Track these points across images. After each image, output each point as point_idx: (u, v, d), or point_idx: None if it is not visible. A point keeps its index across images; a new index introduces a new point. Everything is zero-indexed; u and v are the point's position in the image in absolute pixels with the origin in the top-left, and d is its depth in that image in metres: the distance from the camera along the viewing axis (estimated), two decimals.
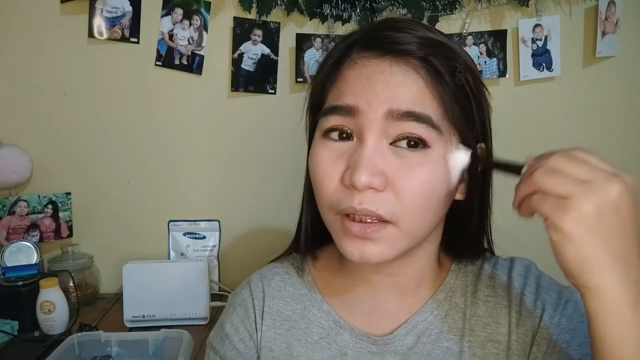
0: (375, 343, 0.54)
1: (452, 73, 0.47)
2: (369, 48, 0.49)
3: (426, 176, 0.46)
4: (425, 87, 0.47)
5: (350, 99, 0.48)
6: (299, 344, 0.56)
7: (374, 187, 0.45)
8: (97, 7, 1.15)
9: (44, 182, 1.22)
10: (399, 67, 0.47)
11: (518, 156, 0.44)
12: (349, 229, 0.47)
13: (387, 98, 0.46)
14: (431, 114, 0.46)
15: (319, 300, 0.58)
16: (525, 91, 1.22)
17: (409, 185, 0.46)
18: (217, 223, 1.25)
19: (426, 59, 0.47)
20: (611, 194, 0.37)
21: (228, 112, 1.22)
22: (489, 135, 0.54)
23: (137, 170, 1.24)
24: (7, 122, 1.20)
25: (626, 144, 1.25)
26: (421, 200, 0.47)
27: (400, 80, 0.47)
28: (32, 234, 1.17)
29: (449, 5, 1.15)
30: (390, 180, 0.46)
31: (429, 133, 0.46)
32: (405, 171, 0.46)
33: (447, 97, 0.47)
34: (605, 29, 1.18)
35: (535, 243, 1.26)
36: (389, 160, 0.46)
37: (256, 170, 1.24)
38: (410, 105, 0.46)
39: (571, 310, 0.52)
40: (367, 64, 0.48)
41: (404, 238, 0.48)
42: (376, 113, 0.46)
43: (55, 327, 1.01)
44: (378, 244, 0.47)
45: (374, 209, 0.46)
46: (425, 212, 0.48)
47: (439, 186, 0.47)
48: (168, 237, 1.24)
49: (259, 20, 1.17)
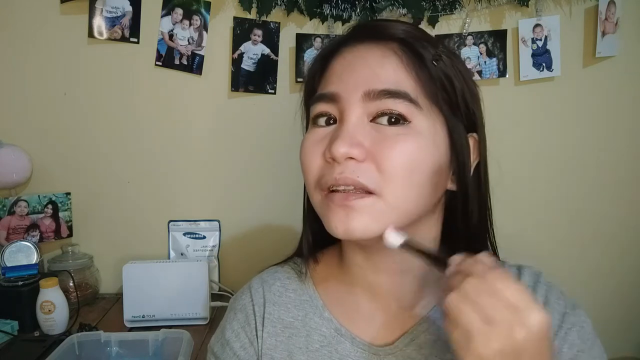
0: (377, 353, 0.54)
1: (433, 57, 0.49)
2: (355, 39, 0.52)
3: (407, 147, 0.47)
4: (402, 67, 0.49)
5: (334, 86, 0.51)
6: (300, 352, 0.56)
7: (353, 156, 0.47)
8: (97, 7, 1.15)
9: (44, 182, 1.22)
10: (379, 49, 0.50)
11: (518, 156, 0.45)
12: (332, 200, 0.48)
13: (364, 80, 0.49)
14: (408, 90, 0.48)
15: (320, 308, 0.58)
16: (525, 91, 1.22)
17: (389, 155, 0.47)
18: (217, 223, 1.25)
19: (405, 41, 0.50)
20: (516, 337, 0.37)
21: (228, 112, 1.22)
22: (481, 127, 0.54)
23: (137, 170, 1.24)
24: (7, 122, 1.20)
25: (626, 144, 1.25)
26: (403, 171, 0.47)
27: (378, 61, 0.49)
28: (32, 234, 1.17)
29: (449, 5, 1.15)
30: (370, 152, 0.47)
31: (407, 107, 0.48)
32: (385, 142, 0.47)
33: (425, 77, 0.49)
34: (605, 29, 1.18)
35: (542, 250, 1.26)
36: (369, 134, 0.48)
37: (256, 170, 1.25)
38: (386, 84, 0.48)
39: (574, 337, 0.51)
40: (351, 51, 0.52)
41: (389, 211, 0.47)
42: (355, 96, 0.49)
43: (55, 327, 1.01)
44: (362, 215, 0.47)
45: (355, 177, 0.46)
46: (409, 185, 0.47)
47: (423, 159, 0.48)
48: (168, 237, 1.24)
49: (259, 20, 1.17)
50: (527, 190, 1.25)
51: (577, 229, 1.27)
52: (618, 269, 1.29)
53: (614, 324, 1.24)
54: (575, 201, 1.26)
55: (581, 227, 1.27)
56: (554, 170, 1.25)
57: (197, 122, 1.23)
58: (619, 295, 1.29)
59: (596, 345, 0.51)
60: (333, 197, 0.48)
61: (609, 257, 1.28)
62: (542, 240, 1.26)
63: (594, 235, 1.27)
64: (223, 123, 1.23)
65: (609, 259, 1.28)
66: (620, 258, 1.28)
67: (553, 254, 1.25)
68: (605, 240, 1.28)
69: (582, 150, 1.24)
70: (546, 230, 1.27)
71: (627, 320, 1.29)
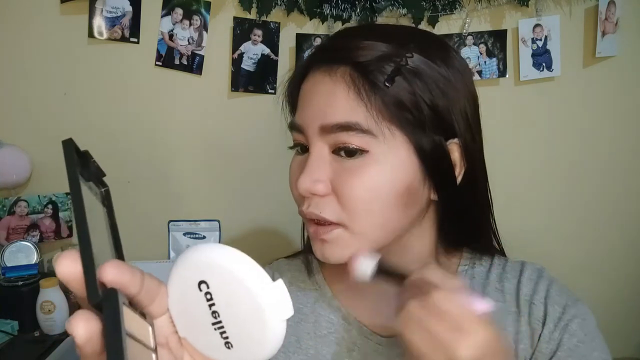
0: (381, 342, 0.55)
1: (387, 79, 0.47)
2: (318, 60, 0.52)
3: (365, 179, 0.48)
4: (353, 95, 0.48)
5: (299, 117, 0.52)
6: (308, 337, 0.57)
7: (315, 192, 0.49)
8: (97, 7, 1.15)
9: (44, 182, 1.21)
10: (330, 78, 0.49)
11: (518, 156, 0.45)
12: (309, 230, 0.52)
13: (318, 113, 0.49)
14: (360, 119, 0.47)
15: (328, 296, 0.59)
16: (525, 91, 1.22)
17: (348, 189, 0.48)
18: (217, 223, 1.25)
19: (355, 65, 0.48)
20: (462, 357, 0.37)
21: (228, 112, 1.22)
22: (464, 130, 0.51)
23: (137, 170, 1.24)
24: (7, 122, 1.20)
25: (627, 144, 1.25)
26: (363, 203, 0.48)
27: (329, 90, 0.49)
28: (32, 234, 1.17)
29: (449, 5, 1.15)
30: (332, 185, 0.49)
31: (361, 138, 0.47)
32: (343, 176, 0.48)
33: (379, 101, 0.47)
34: (605, 29, 1.18)
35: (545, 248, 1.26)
36: (330, 167, 0.49)
37: (256, 170, 1.25)
38: (337, 116, 0.48)
39: (575, 328, 0.51)
40: (311, 77, 0.52)
41: (358, 239, 0.49)
42: (313, 129, 0.50)
43: (55, 327, 1.01)
44: (333, 246, 0.50)
45: (318, 212, 0.49)
46: (372, 214, 0.48)
47: (383, 186, 0.48)
48: (168, 237, 1.24)
49: (259, 20, 1.17)
50: (527, 190, 1.25)
51: (578, 228, 1.27)
52: (619, 269, 1.29)
53: (615, 324, 1.24)
54: (575, 201, 1.26)
55: (582, 226, 1.27)
56: (554, 170, 1.25)
57: (197, 122, 1.23)
58: (620, 296, 1.29)
59: (597, 339, 0.51)
60: (309, 227, 0.52)
61: (609, 257, 1.28)
62: (543, 240, 1.26)
63: (596, 235, 1.27)
64: (223, 123, 1.23)
65: (610, 259, 1.28)
66: (621, 258, 1.28)
67: (553, 254, 1.24)
68: (607, 240, 1.28)
69: (582, 150, 1.24)
70: (546, 229, 1.27)
71: (628, 321, 1.29)
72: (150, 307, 0.30)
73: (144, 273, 0.29)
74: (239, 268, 0.30)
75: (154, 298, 0.30)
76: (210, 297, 0.30)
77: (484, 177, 0.56)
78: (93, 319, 0.26)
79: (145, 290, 0.29)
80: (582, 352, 0.50)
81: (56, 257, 0.27)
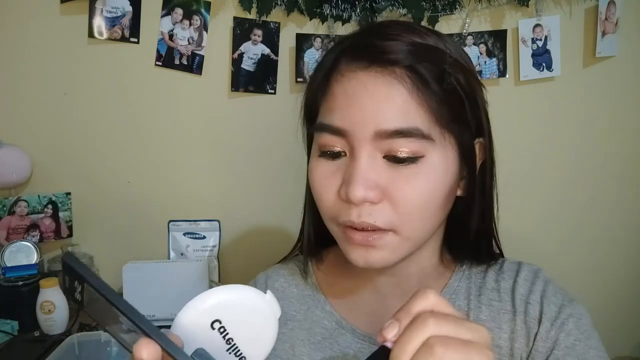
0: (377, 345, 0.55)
1: (440, 77, 0.47)
2: (355, 58, 0.49)
3: (422, 185, 0.47)
4: (410, 98, 0.46)
5: (338, 120, 0.48)
6: (302, 344, 0.57)
7: (370, 200, 0.46)
8: (97, 7, 1.15)
9: (44, 182, 1.21)
10: (383, 79, 0.46)
11: (518, 156, 0.45)
12: (352, 238, 0.48)
13: (372, 116, 0.46)
14: (419, 124, 0.46)
15: (322, 301, 0.59)
16: (525, 91, 1.22)
17: (404, 196, 0.47)
18: (217, 223, 1.25)
19: (411, 67, 0.46)
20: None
21: (228, 112, 1.22)
22: (487, 131, 0.54)
23: (137, 170, 1.24)
24: (7, 122, 1.20)
25: (626, 144, 1.25)
26: (418, 209, 0.47)
27: (384, 93, 0.46)
28: (32, 234, 1.17)
29: (449, 5, 1.15)
30: (385, 191, 0.47)
31: (420, 144, 0.46)
32: (399, 182, 0.47)
33: (435, 103, 0.46)
34: (605, 29, 1.18)
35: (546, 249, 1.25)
36: (383, 173, 0.47)
37: (256, 170, 1.24)
38: (396, 122, 0.46)
39: (571, 327, 0.51)
40: (352, 77, 0.48)
41: (406, 243, 0.49)
42: (364, 133, 0.47)
43: (55, 327, 1.01)
44: (380, 250, 0.48)
45: (372, 222, 0.47)
46: (424, 218, 0.48)
47: (436, 192, 0.48)
48: (168, 237, 1.24)
49: (259, 20, 1.17)
50: (527, 190, 1.25)
51: (578, 228, 1.27)
52: (619, 269, 1.29)
53: (614, 324, 1.24)
54: (575, 201, 1.26)
55: (582, 226, 1.27)
56: (554, 170, 1.25)
57: (197, 122, 1.23)
58: (619, 296, 1.29)
59: (594, 337, 0.52)
60: (353, 235, 0.48)
61: (609, 258, 1.28)
62: (543, 240, 1.26)
63: (596, 236, 1.27)
64: (223, 123, 1.23)
65: (610, 259, 1.28)
66: (620, 258, 1.28)
67: (554, 254, 1.25)
68: (607, 240, 1.28)
69: (582, 150, 1.24)
70: (546, 229, 1.27)
71: (627, 320, 1.29)
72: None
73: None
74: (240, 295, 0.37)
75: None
76: (223, 329, 0.37)
77: (491, 180, 0.56)
78: None
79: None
80: (578, 350, 0.50)
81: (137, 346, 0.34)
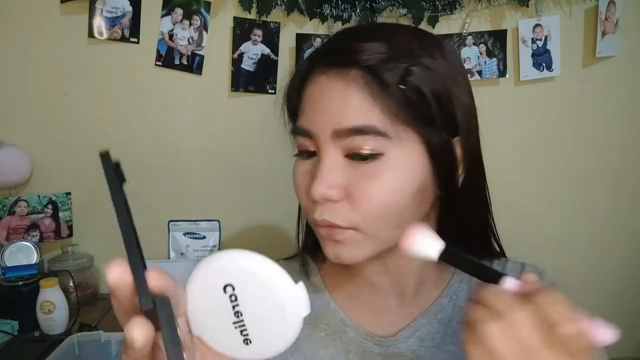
0: (379, 343, 0.55)
1: (400, 78, 0.47)
2: (320, 63, 0.51)
3: (381, 184, 0.47)
4: (365, 97, 0.47)
5: (305, 122, 0.51)
6: (305, 339, 0.57)
7: (330, 198, 0.48)
8: (97, 7, 1.15)
9: (44, 182, 1.22)
10: (342, 81, 0.48)
11: (518, 156, 0.44)
12: (320, 233, 0.51)
13: (331, 117, 0.48)
14: (375, 122, 0.47)
15: (326, 299, 0.59)
16: (525, 91, 1.22)
17: (364, 195, 0.48)
18: (217, 223, 1.25)
19: (366, 68, 0.47)
20: None
21: (228, 112, 1.22)
22: (466, 130, 0.51)
23: (136, 170, 1.23)
24: (7, 122, 1.20)
25: (626, 144, 1.25)
26: (378, 207, 0.48)
27: (341, 94, 0.48)
28: (32, 234, 1.17)
29: (449, 5, 1.15)
30: (347, 190, 0.48)
31: (377, 142, 0.47)
32: (360, 181, 0.48)
33: (392, 102, 0.47)
34: (605, 29, 1.18)
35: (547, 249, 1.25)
36: (344, 172, 0.48)
37: (256, 170, 1.25)
38: (352, 120, 0.47)
39: None
40: (316, 81, 0.51)
41: (370, 241, 0.49)
42: (325, 134, 0.48)
43: (55, 327, 1.01)
44: (346, 246, 0.50)
45: (332, 219, 0.48)
46: (387, 217, 0.48)
47: (398, 191, 0.48)
48: (168, 237, 1.24)
49: (259, 20, 1.17)
50: (527, 190, 1.25)
51: (578, 228, 1.27)
52: (618, 269, 1.29)
53: (614, 324, 1.24)
54: (575, 201, 1.26)
55: (582, 226, 1.27)
56: (553, 169, 1.25)
57: (197, 122, 1.23)
58: (619, 296, 1.29)
59: None
60: (320, 231, 0.51)
61: (609, 258, 1.28)
62: (543, 240, 1.26)
63: (595, 235, 1.28)
64: (223, 123, 1.23)
65: (609, 259, 1.28)
66: (620, 258, 1.29)
67: (553, 254, 1.25)
68: (606, 240, 1.28)
69: (582, 150, 1.24)
70: (546, 229, 1.27)
71: (627, 320, 1.29)
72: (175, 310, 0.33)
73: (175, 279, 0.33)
74: (266, 272, 0.33)
75: (180, 302, 0.34)
76: (235, 298, 0.33)
77: (483, 178, 0.56)
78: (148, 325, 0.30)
79: (175, 295, 0.32)
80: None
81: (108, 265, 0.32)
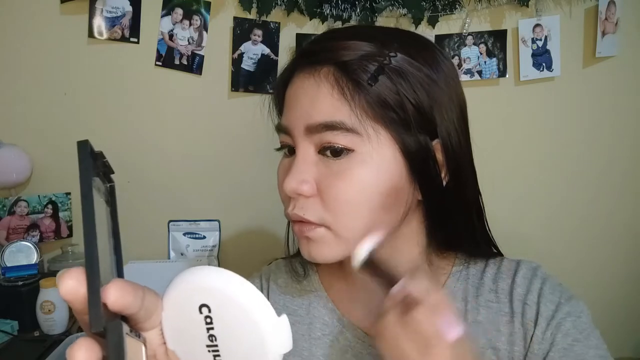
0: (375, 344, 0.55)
1: (369, 79, 0.47)
2: (299, 63, 0.53)
3: (351, 181, 0.48)
4: (336, 94, 0.48)
5: (284, 120, 0.53)
6: (302, 339, 0.58)
7: (301, 193, 0.49)
8: (97, 7, 1.15)
9: (44, 182, 1.21)
10: (314, 79, 0.49)
11: (518, 156, 0.44)
12: (294, 230, 0.52)
13: (304, 113, 0.49)
14: (344, 118, 0.47)
15: (324, 298, 0.60)
16: (525, 91, 1.22)
17: (333, 191, 0.48)
18: (217, 223, 1.25)
19: (341, 65, 0.48)
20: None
21: (228, 112, 1.22)
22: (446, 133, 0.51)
23: (136, 170, 1.24)
24: (7, 122, 1.20)
25: (626, 144, 1.25)
26: (347, 205, 0.48)
27: (314, 92, 0.49)
28: (32, 234, 1.17)
29: (449, 5, 1.15)
30: (318, 186, 0.49)
31: (347, 137, 0.48)
32: (330, 178, 0.48)
33: (363, 100, 0.47)
34: (605, 29, 1.18)
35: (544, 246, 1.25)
36: (316, 168, 0.49)
37: (256, 170, 1.24)
38: (322, 116, 0.48)
39: (569, 326, 0.50)
40: (295, 81, 0.52)
41: (341, 241, 0.49)
42: (299, 130, 0.50)
43: (55, 327, 1.01)
44: (318, 244, 0.50)
45: (302, 214, 0.49)
46: (356, 217, 0.48)
47: (368, 189, 0.48)
48: (168, 237, 1.24)
49: (259, 20, 1.17)
50: (527, 190, 1.25)
51: (578, 228, 1.27)
52: (618, 270, 1.29)
53: (614, 324, 1.24)
54: (575, 201, 1.26)
55: (582, 227, 1.27)
56: (554, 169, 1.25)
57: (197, 122, 1.23)
58: (619, 296, 1.29)
59: (593, 336, 0.50)
60: (294, 227, 0.52)
61: (609, 258, 1.28)
62: (543, 240, 1.26)
63: (595, 236, 1.28)
64: (223, 123, 1.23)
65: (609, 259, 1.28)
66: (620, 258, 1.29)
67: (553, 254, 1.25)
68: (606, 240, 1.28)
69: (582, 150, 1.24)
70: (547, 230, 1.27)
71: (627, 320, 1.29)
72: (145, 323, 0.31)
73: (145, 291, 0.30)
74: (246, 300, 0.29)
75: (151, 315, 0.31)
76: (210, 321, 0.30)
77: (473, 180, 0.55)
78: (94, 348, 0.26)
79: (145, 309, 0.30)
80: (577, 351, 0.49)
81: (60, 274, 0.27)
